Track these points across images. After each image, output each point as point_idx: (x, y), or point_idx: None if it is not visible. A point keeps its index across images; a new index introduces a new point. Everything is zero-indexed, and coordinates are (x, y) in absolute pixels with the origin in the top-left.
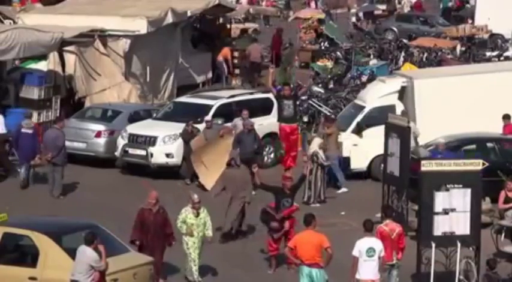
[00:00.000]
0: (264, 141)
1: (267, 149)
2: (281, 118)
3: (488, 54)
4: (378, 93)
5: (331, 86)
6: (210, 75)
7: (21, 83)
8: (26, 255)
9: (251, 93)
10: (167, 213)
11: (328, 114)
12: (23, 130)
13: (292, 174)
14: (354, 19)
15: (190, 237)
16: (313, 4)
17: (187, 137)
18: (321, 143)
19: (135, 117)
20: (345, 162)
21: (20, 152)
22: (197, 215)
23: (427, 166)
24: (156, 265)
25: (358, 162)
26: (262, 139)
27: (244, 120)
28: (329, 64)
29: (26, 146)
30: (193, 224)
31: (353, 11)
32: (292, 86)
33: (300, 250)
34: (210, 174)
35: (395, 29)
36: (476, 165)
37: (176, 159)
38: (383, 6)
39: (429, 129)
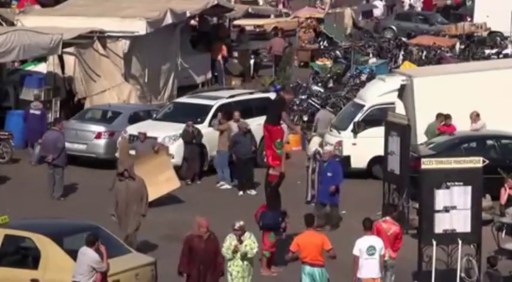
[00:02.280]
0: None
1: None
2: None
3: (487, 52)
4: (377, 92)
5: (330, 85)
6: (209, 75)
7: (21, 85)
8: (28, 257)
9: (251, 93)
10: (218, 240)
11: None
12: (31, 111)
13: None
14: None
15: (234, 267)
16: (281, 6)
17: (187, 137)
18: (321, 141)
19: (135, 118)
20: (345, 161)
21: (28, 132)
22: (241, 241)
23: (427, 164)
24: None
25: (358, 161)
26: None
27: (237, 122)
28: (328, 63)
29: (33, 127)
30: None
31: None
32: (291, 85)
33: (302, 251)
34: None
35: (394, 27)
36: (477, 162)
37: (177, 160)
38: (382, 2)
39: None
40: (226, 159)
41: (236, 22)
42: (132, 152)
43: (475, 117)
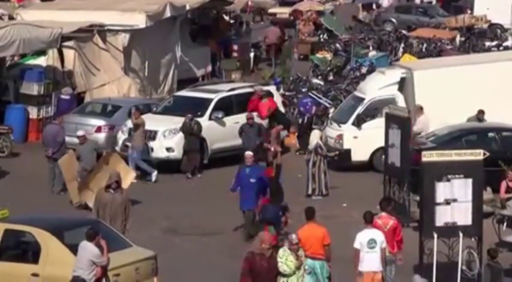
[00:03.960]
0: None
1: None
2: None
3: (487, 44)
4: (377, 85)
5: (330, 78)
6: (209, 68)
7: (21, 79)
8: (28, 252)
9: (251, 86)
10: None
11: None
12: (61, 96)
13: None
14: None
15: None
16: None
17: (187, 130)
18: (322, 135)
19: None
20: (346, 154)
21: (59, 114)
22: (297, 257)
23: (428, 156)
24: None
25: (359, 155)
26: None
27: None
28: (328, 56)
29: (63, 110)
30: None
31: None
32: (291, 78)
33: (304, 244)
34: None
35: (394, 20)
36: (477, 155)
37: (177, 154)
38: None
39: (430, 120)
40: (140, 154)
41: (270, 10)
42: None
43: (418, 110)
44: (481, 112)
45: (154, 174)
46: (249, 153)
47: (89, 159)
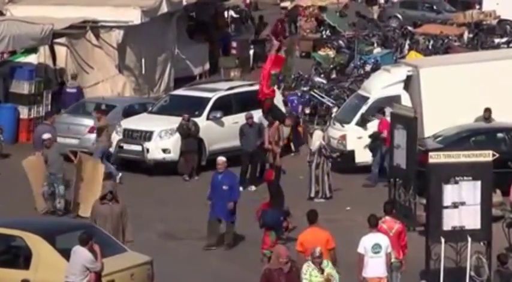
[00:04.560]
0: None
1: None
2: None
3: (496, 40)
4: (382, 83)
5: (333, 76)
6: (207, 66)
7: (11, 77)
8: (19, 257)
9: (250, 85)
10: (299, 271)
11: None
12: (67, 90)
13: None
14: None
15: None
16: None
17: (184, 131)
18: (324, 135)
19: (129, 112)
20: (350, 155)
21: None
22: (321, 271)
23: (435, 158)
24: None
25: (363, 156)
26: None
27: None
28: (331, 53)
29: (70, 103)
30: None
31: None
32: (292, 76)
33: (307, 249)
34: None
35: (399, 15)
36: (486, 156)
37: (173, 155)
38: None
39: (436, 120)
40: (100, 153)
41: (282, 4)
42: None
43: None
44: (487, 111)
45: (119, 176)
46: (221, 159)
47: (56, 164)
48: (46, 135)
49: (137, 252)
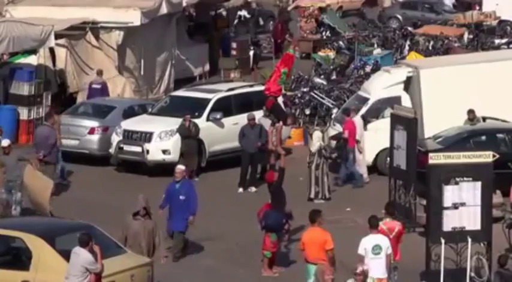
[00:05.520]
0: None
1: None
2: None
3: (497, 41)
4: (382, 84)
5: (333, 77)
6: (207, 67)
7: (11, 78)
8: (18, 258)
9: (251, 86)
10: None
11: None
12: (93, 86)
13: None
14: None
15: None
16: None
17: (184, 132)
18: (324, 136)
19: (129, 113)
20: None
21: None
22: None
23: (435, 159)
24: None
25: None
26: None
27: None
28: (331, 54)
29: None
30: None
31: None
32: (292, 77)
33: (306, 249)
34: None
35: (399, 16)
36: (487, 157)
37: (173, 156)
38: None
39: (436, 121)
40: (59, 154)
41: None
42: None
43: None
44: (471, 112)
45: (59, 181)
46: (179, 168)
47: (13, 171)
48: (5, 142)
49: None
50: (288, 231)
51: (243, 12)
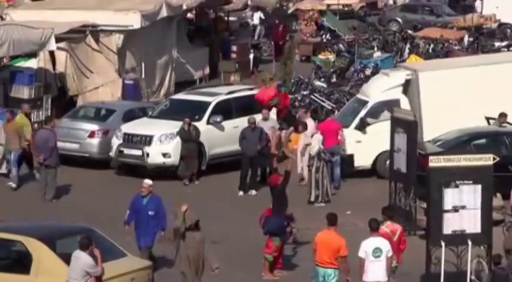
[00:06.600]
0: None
1: None
2: None
3: (497, 44)
4: (381, 87)
5: (333, 80)
6: (207, 70)
7: (11, 82)
8: (19, 262)
9: (251, 89)
10: None
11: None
12: (126, 81)
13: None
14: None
15: None
16: None
17: (184, 135)
18: (322, 139)
19: (129, 116)
20: (349, 159)
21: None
22: None
23: (435, 162)
24: None
25: (363, 160)
26: None
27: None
28: (331, 57)
29: (129, 94)
30: None
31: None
32: (293, 80)
33: (318, 250)
34: None
35: (399, 19)
36: (487, 160)
37: (173, 159)
38: None
39: (435, 124)
40: (17, 157)
41: (324, 2)
42: None
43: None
44: (503, 115)
45: (13, 184)
46: (146, 182)
47: None
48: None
49: (137, 256)
50: (292, 234)
51: (259, 14)
